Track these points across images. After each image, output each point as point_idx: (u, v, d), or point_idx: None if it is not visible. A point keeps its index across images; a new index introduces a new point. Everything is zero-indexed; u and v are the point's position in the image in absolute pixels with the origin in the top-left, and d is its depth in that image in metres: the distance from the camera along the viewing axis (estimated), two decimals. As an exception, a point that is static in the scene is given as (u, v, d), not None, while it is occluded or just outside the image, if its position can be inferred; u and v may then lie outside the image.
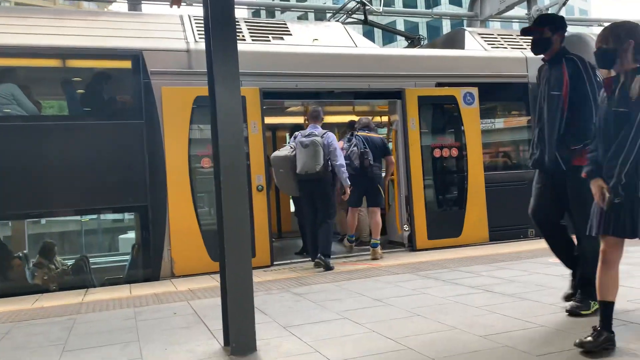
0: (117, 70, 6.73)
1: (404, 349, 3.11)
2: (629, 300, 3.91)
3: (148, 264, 6.42)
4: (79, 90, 6.68)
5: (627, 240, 2.96)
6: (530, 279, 4.89)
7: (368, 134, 7.21)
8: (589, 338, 2.89)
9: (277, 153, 6.59)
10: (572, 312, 3.60)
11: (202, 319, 4.14)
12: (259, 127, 6.75)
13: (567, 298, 3.82)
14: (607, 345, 2.88)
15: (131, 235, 9.47)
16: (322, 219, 6.32)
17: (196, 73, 6.41)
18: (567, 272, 5.16)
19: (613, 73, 3.05)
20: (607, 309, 2.98)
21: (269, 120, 7.49)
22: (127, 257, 7.87)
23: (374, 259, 6.77)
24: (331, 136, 6.34)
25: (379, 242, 6.94)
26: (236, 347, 3.24)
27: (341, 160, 6.33)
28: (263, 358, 3.14)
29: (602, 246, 3.01)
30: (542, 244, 7.43)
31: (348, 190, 6.46)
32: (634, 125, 2.84)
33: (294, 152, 6.36)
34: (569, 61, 3.69)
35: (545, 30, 3.77)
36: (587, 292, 3.58)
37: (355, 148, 6.92)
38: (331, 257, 6.39)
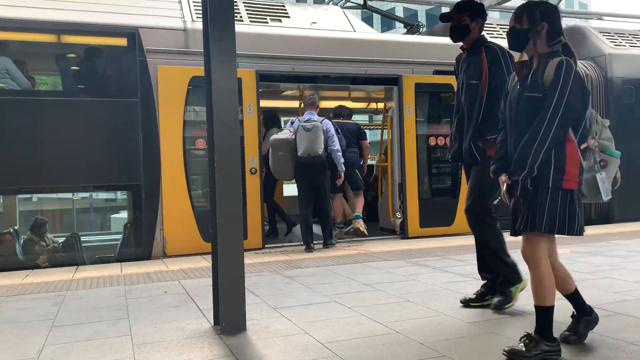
0: (112, 47, 6.65)
1: (393, 333, 3.13)
2: (616, 291, 3.95)
3: (140, 243, 6.42)
4: (74, 67, 6.61)
5: (612, 232, 2.98)
6: (520, 268, 4.92)
7: (342, 121, 7.60)
8: (521, 345, 2.65)
9: (276, 135, 6.61)
10: (496, 307, 3.52)
11: (193, 298, 4.16)
12: (254, 109, 6.72)
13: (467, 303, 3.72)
14: (546, 356, 2.61)
15: (123, 214, 9.45)
16: (323, 208, 6.60)
17: (193, 53, 6.36)
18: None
19: (525, 57, 2.86)
20: (540, 315, 2.69)
21: (264, 103, 7.46)
22: (119, 236, 7.85)
23: (357, 230, 7.31)
24: (328, 123, 6.67)
25: (361, 214, 7.42)
26: (226, 327, 3.25)
27: (337, 146, 6.64)
28: (252, 338, 3.16)
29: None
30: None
31: (342, 175, 6.65)
32: (549, 112, 2.63)
33: (294, 136, 6.42)
34: (489, 49, 3.58)
35: (464, 17, 3.62)
36: (502, 284, 3.62)
37: None
38: (321, 242, 6.72)
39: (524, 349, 2.60)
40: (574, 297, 2.88)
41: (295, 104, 9.28)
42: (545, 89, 2.67)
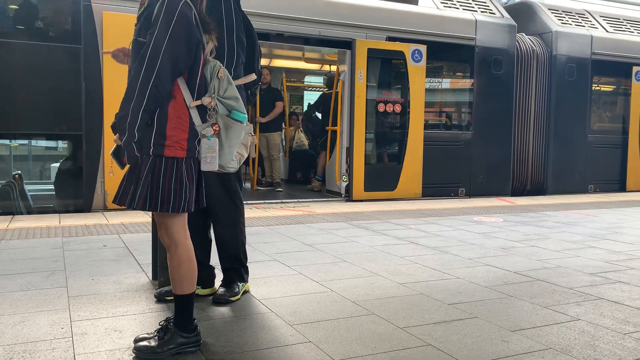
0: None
1: (328, 292, 3.25)
2: (539, 259, 4.23)
3: (80, 195, 6.28)
4: (12, 6, 6.24)
5: (544, 203, 3.13)
6: (453, 234, 5.16)
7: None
8: (153, 340, 2.32)
9: None
10: (218, 301, 3.04)
11: (132, 253, 4.15)
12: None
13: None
14: (183, 349, 2.32)
15: (64, 164, 9.19)
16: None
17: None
18: (489, 230, 5.50)
19: None
20: (179, 304, 2.39)
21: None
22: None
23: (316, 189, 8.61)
24: None
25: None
26: (164, 281, 3.28)
27: None
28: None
29: None
30: (470, 202, 7.85)
31: None
32: (144, 61, 2.16)
33: None
34: None
35: None
36: (230, 276, 3.15)
37: None
38: (269, 202, 6.62)
39: (155, 344, 2.30)
40: (179, 303, 2.44)
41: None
42: (149, 33, 2.22)
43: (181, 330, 2.35)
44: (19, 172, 7.17)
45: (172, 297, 2.69)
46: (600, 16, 10.27)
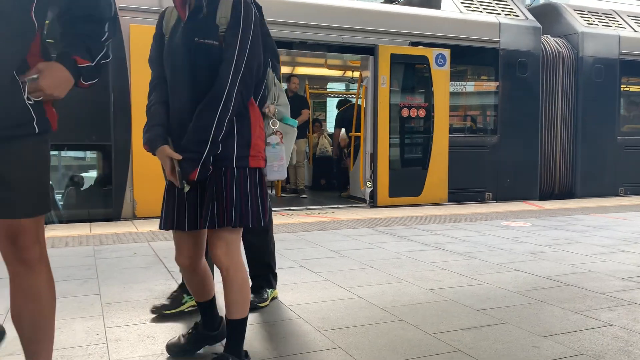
0: (83, 3, 6.49)
1: (355, 298, 3.26)
2: (569, 264, 4.16)
3: (109, 204, 6.41)
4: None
5: (572, 207, 3.08)
6: (481, 240, 5.12)
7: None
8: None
9: None
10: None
11: (162, 260, 4.22)
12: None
13: None
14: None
15: (93, 174, 9.39)
16: None
17: (167, 12, 6.25)
18: (517, 235, 5.43)
19: None
20: (237, 329, 2.23)
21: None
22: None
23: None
24: None
25: None
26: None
27: None
28: (219, 299, 3.24)
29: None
30: (497, 207, 7.76)
31: None
32: (231, 66, 1.99)
33: None
34: None
35: None
36: (259, 282, 3.16)
37: None
38: (293, 209, 6.62)
39: None
40: (210, 307, 2.42)
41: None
42: (221, 35, 2.03)
43: (238, 357, 2.20)
44: (50, 182, 7.35)
45: (169, 312, 2.89)
46: (628, 16, 10.08)
